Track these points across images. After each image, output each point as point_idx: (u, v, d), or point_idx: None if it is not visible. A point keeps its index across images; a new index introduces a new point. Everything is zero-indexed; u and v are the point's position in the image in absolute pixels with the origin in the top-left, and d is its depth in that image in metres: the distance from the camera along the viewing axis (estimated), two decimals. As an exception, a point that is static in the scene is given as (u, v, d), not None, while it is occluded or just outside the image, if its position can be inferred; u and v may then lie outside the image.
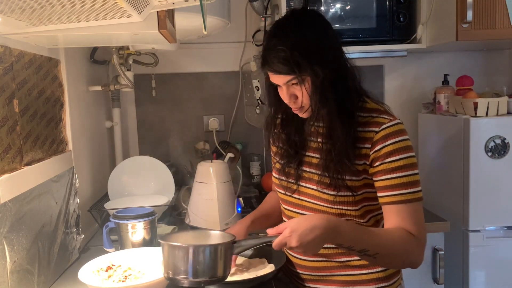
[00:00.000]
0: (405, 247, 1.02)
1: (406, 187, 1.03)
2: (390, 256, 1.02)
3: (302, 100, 1.07)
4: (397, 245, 1.02)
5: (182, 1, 0.90)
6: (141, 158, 1.93)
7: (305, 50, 1.01)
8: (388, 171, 1.04)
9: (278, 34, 1.05)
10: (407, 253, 1.03)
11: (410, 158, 1.04)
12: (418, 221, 1.05)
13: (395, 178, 1.04)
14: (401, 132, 1.05)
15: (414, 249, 1.04)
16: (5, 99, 1.04)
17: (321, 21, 1.09)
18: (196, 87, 2.26)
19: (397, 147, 1.04)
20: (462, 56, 2.33)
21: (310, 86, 1.04)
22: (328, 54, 1.05)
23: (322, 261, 1.16)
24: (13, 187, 1.03)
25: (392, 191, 1.04)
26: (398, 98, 2.36)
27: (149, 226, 1.29)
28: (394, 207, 1.04)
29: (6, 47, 1.06)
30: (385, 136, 1.04)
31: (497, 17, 1.82)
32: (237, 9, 2.15)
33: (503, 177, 1.83)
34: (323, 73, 1.02)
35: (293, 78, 1.04)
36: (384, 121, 1.06)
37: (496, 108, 1.84)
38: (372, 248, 0.99)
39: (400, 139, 1.04)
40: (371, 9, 1.99)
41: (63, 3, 0.78)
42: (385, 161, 1.04)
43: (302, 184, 1.16)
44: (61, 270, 1.30)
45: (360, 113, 1.09)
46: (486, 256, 1.84)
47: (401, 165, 1.03)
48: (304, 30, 1.04)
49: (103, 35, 1.15)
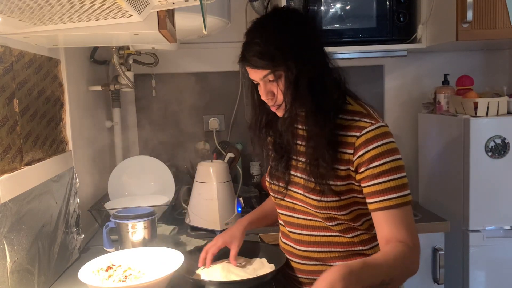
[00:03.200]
0: (406, 262, 0.99)
1: (394, 191, 1.00)
2: (399, 275, 0.99)
3: (279, 97, 1.06)
4: (401, 264, 0.98)
5: (182, 1, 0.90)
6: (141, 158, 1.93)
7: (281, 45, 1.01)
8: (374, 177, 1.02)
9: (256, 29, 1.06)
10: (408, 266, 1.00)
11: (395, 161, 1.02)
12: (409, 226, 1.01)
13: (382, 183, 1.01)
14: (383, 135, 1.03)
15: (412, 259, 1.01)
16: (5, 99, 1.04)
17: (302, 20, 1.09)
18: (196, 87, 2.26)
19: (381, 151, 1.01)
20: (462, 56, 2.33)
21: (284, 83, 1.03)
22: (305, 52, 1.03)
23: (318, 265, 1.16)
24: (13, 187, 1.03)
25: (380, 197, 1.01)
26: (398, 98, 2.36)
27: (149, 226, 1.29)
28: (383, 214, 1.01)
29: (6, 47, 1.06)
30: (367, 141, 1.02)
31: (497, 17, 1.82)
32: (237, 9, 2.15)
33: (503, 177, 1.83)
34: (297, 70, 1.01)
35: (268, 73, 1.03)
36: (366, 125, 1.03)
37: (496, 108, 1.84)
38: (386, 277, 0.95)
39: (382, 142, 1.02)
40: (371, 9, 1.99)
41: (63, 3, 0.78)
42: (369, 166, 1.02)
43: (291, 188, 1.15)
44: (61, 270, 1.30)
45: (342, 116, 1.07)
46: (486, 256, 1.84)
47: (387, 169, 1.01)
48: (282, 26, 1.04)
49: (103, 35, 1.15)
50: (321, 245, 1.14)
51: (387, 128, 1.05)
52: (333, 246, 1.13)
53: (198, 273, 1.18)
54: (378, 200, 1.02)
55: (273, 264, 1.19)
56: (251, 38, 1.05)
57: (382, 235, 1.03)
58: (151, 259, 1.17)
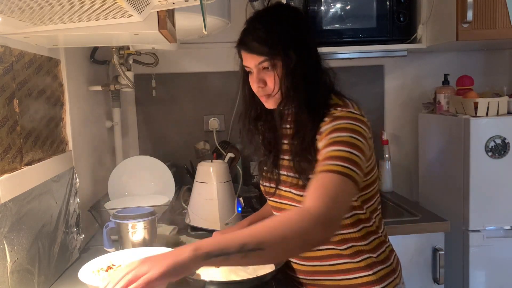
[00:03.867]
0: (293, 220, 0.85)
1: (336, 159, 0.93)
2: (280, 242, 0.83)
3: (270, 87, 1.06)
4: (281, 221, 0.86)
5: (182, 1, 0.90)
6: (141, 158, 1.93)
7: (282, 34, 1.03)
8: (324, 146, 0.98)
9: (259, 18, 1.08)
10: (300, 232, 0.84)
11: (349, 137, 0.97)
12: (326, 192, 0.89)
13: (330, 152, 0.95)
14: (348, 118, 1.00)
15: (308, 225, 0.84)
16: (5, 99, 1.04)
17: (303, 18, 1.11)
18: (196, 87, 2.26)
19: (338, 127, 0.99)
20: (462, 56, 2.33)
21: (282, 71, 1.04)
22: (304, 47, 1.05)
23: (317, 265, 1.16)
24: (13, 187, 1.03)
25: (323, 162, 0.95)
26: (398, 98, 2.36)
27: (149, 226, 1.29)
28: (317, 176, 0.94)
29: (6, 47, 1.06)
30: (330, 120, 1.01)
31: (497, 17, 1.82)
32: (237, 9, 2.15)
33: (503, 177, 1.83)
34: (296, 61, 1.02)
35: (264, 60, 1.04)
36: (335, 112, 1.03)
37: (496, 108, 1.84)
38: (251, 239, 0.81)
39: (344, 121, 0.99)
40: (371, 9, 1.99)
41: (63, 3, 0.78)
42: (324, 141, 0.99)
43: (281, 188, 1.15)
44: (61, 270, 1.30)
45: (324, 110, 1.06)
46: (486, 256, 1.84)
47: (338, 140, 0.97)
48: (284, 19, 1.06)
49: (103, 35, 1.15)
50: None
51: (355, 114, 1.02)
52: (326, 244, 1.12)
53: (198, 273, 1.18)
54: (320, 165, 0.96)
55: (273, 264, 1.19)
56: (252, 25, 1.07)
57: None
58: (151, 259, 1.17)
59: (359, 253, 1.12)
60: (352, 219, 1.11)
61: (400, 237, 1.70)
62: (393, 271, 1.16)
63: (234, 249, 0.79)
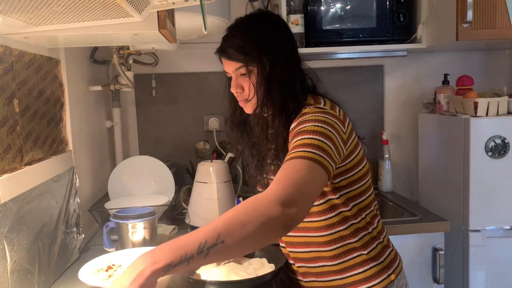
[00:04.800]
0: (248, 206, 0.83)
1: (301, 147, 0.93)
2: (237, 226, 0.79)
3: (247, 93, 1.10)
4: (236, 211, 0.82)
5: (182, 1, 0.90)
6: (141, 158, 1.93)
7: (258, 42, 1.07)
8: (290, 140, 0.99)
9: (238, 25, 1.12)
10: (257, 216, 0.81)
11: (314, 126, 0.97)
12: (285, 176, 0.88)
13: (294, 142, 0.96)
14: (314, 112, 1.02)
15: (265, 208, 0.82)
16: (5, 99, 1.04)
17: (282, 25, 1.14)
18: (196, 87, 2.26)
19: (303, 120, 1.00)
20: (462, 56, 2.33)
21: (256, 78, 1.07)
22: (281, 54, 1.08)
23: (308, 267, 1.16)
24: (13, 187, 1.03)
25: (288, 153, 0.96)
26: (398, 98, 2.36)
27: (149, 226, 1.29)
28: (282, 165, 0.93)
29: (6, 47, 1.06)
30: (297, 117, 1.04)
31: (497, 17, 1.82)
32: (237, 9, 2.15)
33: (503, 177, 1.83)
34: (271, 68, 1.06)
35: (241, 67, 1.08)
36: (304, 110, 1.05)
37: (496, 108, 1.84)
38: (210, 236, 0.78)
39: (310, 115, 1.01)
40: (371, 9, 1.99)
41: (63, 3, 0.78)
42: (292, 133, 1.01)
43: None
44: (61, 270, 1.30)
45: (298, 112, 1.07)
46: (486, 256, 1.84)
47: (302, 130, 0.97)
48: (262, 27, 1.10)
49: (103, 35, 1.15)
50: (306, 246, 1.15)
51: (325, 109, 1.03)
52: (317, 246, 1.14)
53: (198, 273, 1.18)
54: (287, 154, 0.95)
55: (273, 264, 1.19)
56: (231, 32, 1.11)
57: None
58: (151, 259, 1.17)
59: (350, 251, 1.12)
60: (338, 217, 1.12)
61: (400, 237, 1.70)
62: (386, 268, 1.15)
63: (194, 251, 0.76)
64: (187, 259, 0.76)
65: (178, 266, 0.76)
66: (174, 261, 0.76)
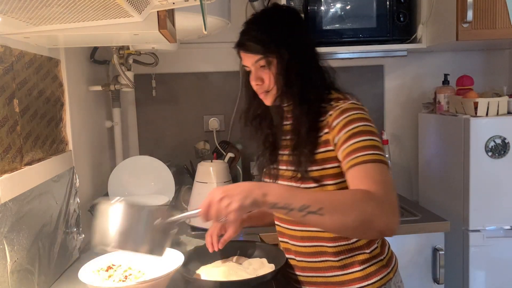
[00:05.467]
0: (356, 200, 0.91)
1: (363, 150, 0.99)
2: (338, 211, 0.89)
3: (267, 84, 1.12)
4: (344, 198, 0.92)
5: (182, 1, 0.90)
6: (141, 158, 1.93)
7: (276, 34, 1.10)
8: (344, 141, 1.03)
9: (255, 19, 1.15)
10: (361, 208, 0.90)
11: (365, 126, 1.03)
12: (377, 178, 0.95)
13: (352, 144, 1.01)
14: (355, 108, 1.06)
15: (371, 205, 0.90)
16: (5, 99, 1.04)
17: (298, 19, 1.17)
18: (196, 87, 2.26)
19: (350, 119, 1.04)
20: (462, 56, 2.33)
21: (276, 69, 1.10)
22: (298, 45, 1.11)
23: (309, 262, 1.17)
24: (13, 187, 1.03)
25: (350, 157, 1.00)
26: (398, 98, 2.36)
27: (149, 226, 1.29)
28: (353, 171, 0.99)
29: (6, 47, 1.06)
30: (338, 114, 1.06)
31: (497, 17, 1.82)
32: (237, 9, 2.15)
33: (503, 177, 1.83)
34: (289, 59, 1.08)
35: (260, 58, 1.10)
36: (339, 104, 1.08)
37: (496, 108, 1.84)
38: (314, 203, 0.88)
39: (353, 112, 1.05)
40: (371, 9, 1.99)
41: (63, 3, 0.78)
42: (341, 134, 1.04)
43: (281, 182, 1.18)
44: (61, 270, 1.30)
45: (323, 104, 1.11)
46: (486, 256, 1.84)
47: (356, 131, 1.02)
48: (279, 19, 1.12)
49: (103, 35, 1.15)
50: (312, 240, 1.15)
51: (359, 105, 1.09)
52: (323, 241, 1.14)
53: (198, 273, 1.18)
54: (348, 160, 1.01)
55: (273, 264, 1.19)
56: (248, 26, 1.14)
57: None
58: (151, 259, 1.16)
59: (354, 249, 1.13)
60: None
61: (400, 237, 1.70)
62: (385, 266, 1.16)
63: (297, 206, 0.88)
64: (289, 208, 0.88)
65: (278, 209, 0.89)
66: (279, 204, 0.88)
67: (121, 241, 0.87)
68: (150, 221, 0.89)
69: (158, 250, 0.91)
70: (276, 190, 0.90)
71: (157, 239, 0.90)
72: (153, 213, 0.90)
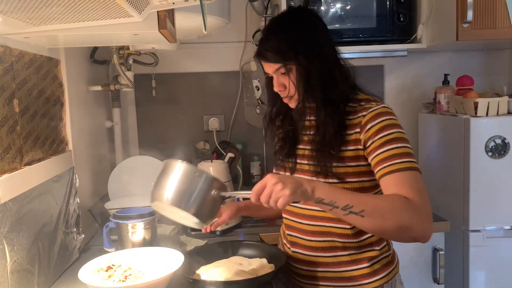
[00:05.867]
0: (395, 207, 0.97)
1: (399, 157, 1.04)
2: (378, 215, 0.96)
3: (289, 89, 1.15)
4: (385, 204, 0.98)
5: (182, 1, 0.90)
6: (141, 158, 1.93)
7: (292, 41, 1.11)
8: (379, 147, 1.06)
9: (271, 27, 1.17)
10: (400, 215, 0.96)
11: (399, 133, 1.07)
12: (414, 186, 1.01)
13: (386, 151, 1.05)
14: (388, 113, 1.10)
15: (410, 212, 0.97)
16: (5, 99, 1.04)
17: (313, 18, 1.17)
18: (196, 87, 2.26)
19: (385, 124, 1.07)
20: (462, 56, 2.33)
21: (296, 75, 1.12)
22: (315, 48, 1.12)
23: (314, 256, 1.19)
24: (13, 187, 1.03)
25: (385, 163, 1.04)
26: (398, 98, 2.36)
27: (149, 226, 1.29)
28: (388, 178, 1.03)
29: (6, 47, 1.06)
30: (372, 117, 1.09)
31: (497, 17, 1.82)
32: (237, 9, 2.15)
33: (503, 177, 1.83)
34: (307, 63, 1.10)
35: (280, 67, 1.12)
36: (372, 106, 1.11)
37: (496, 108, 1.84)
38: (357, 205, 0.95)
39: (387, 117, 1.09)
40: (371, 9, 1.99)
41: (63, 3, 0.78)
42: (375, 138, 1.07)
43: (298, 175, 1.19)
44: (61, 270, 1.30)
45: (350, 104, 1.14)
46: (486, 256, 1.84)
47: (391, 138, 1.06)
48: (295, 24, 1.13)
49: (103, 35, 1.15)
50: (326, 235, 1.17)
51: (391, 110, 1.13)
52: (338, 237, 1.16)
53: (198, 273, 1.18)
54: (383, 167, 1.05)
55: (273, 264, 1.19)
56: (266, 35, 1.16)
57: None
58: (151, 259, 1.17)
59: (366, 245, 1.16)
60: None
61: (400, 237, 1.70)
62: (391, 262, 1.20)
63: (341, 205, 0.94)
64: (334, 206, 0.95)
65: (323, 205, 0.95)
66: (325, 200, 0.95)
67: (175, 198, 0.92)
68: (207, 188, 0.93)
69: (205, 218, 0.95)
70: (324, 187, 0.97)
71: (207, 208, 0.94)
72: (211, 182, 0.94)
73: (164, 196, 0.93)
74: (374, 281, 1.16)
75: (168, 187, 0.92)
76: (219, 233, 1.62)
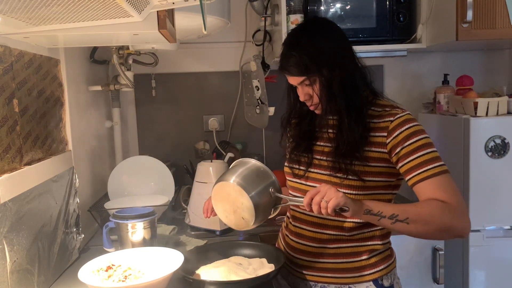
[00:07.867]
0: (435, 212, 1.05)
1: (430, 163, 1.10)
2: (421, 221, 1.06)
3: (315, 99, 1.20)
4: (425, 210, 1.06)
5: (182, 1, 0.90)
6: (141, 158, 1.93)
7: (314, 54, 1.15)
8: (409, 153, 1.12)
9: (291, 41, 1.20)
10: (441, 219, 1.05)
11: (426, 138, 1.14)
12: (448, 189, 1.08)
13: (417, 158, 1.11)
14: (413, 120, 1.16)
15: (447, 214, 1.05)
16: (5, 99, 1.04)
17: (330, 28, 1.22)
18: (196, 87, 2.26)
19: (413, 131, 1.13)
20: (462, 56, 2.33)
21: (319, 86, 1.17)
22: (336, 57, 1.16)
23: (318, 247, 1.21)
24: (13, 187, 1.03)
25: (418, 170, 1.10)
26: (398, 98, 2.31)
27: (149, 226, 1.29)
28: (423, 184, 1.09)
29: (6, 47, 1.06)
30: (400, 124, 1.14)
31: (497, 17, 1.82)
32: (237, 9, 2.15)
33: (503, 177, 1.83)
34: (330, 74, 1.14)
35: (304, 80, 1.17)
36: (398, 112, 1.17)
37: (496, 108, 1.84)
38: (401, 214, 1.04)
39: (414, 124, 1.15)
40: (371, 9, 1.99)
41: (63, 3, 0.78)
42: (404, 145, 1.12)
43: (313, 170, 1.23)
44: (61, 270, 1.30)
45: (374, 108, 1.20)
46: (486, 256, 1.84)
47: (420, 144, 1.12)
48: (313, 37, 1.18)
49: (103, 35, 1.15)
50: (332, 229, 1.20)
51: (413, 116, 1.19)
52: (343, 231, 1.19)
53: (198, 273, 1.18)
54: (416, 173, 1.10)
55: (273, 264, 1.19)
56: (287, 50, 1.19)
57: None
58: (151, 259, 1.17)
59: (369, 238, 1.20)
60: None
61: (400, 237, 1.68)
62: (390, 255, 1.24)
63: (387, 215, 1.04)
64: (381, 216, 1.04)
65: (371, 216, 1.05)
66: (373, 210, 1.04)
67: (242, 183, 1.09)
68: (268, 186, 1.12)
69: (261, 212, 1.10)
70: (369, 201, 1.07)
71: (264, 204, 1.11)
72: (273, 183, 1.13)
73: (233, 179, 1.10)
74: (374, 272, 1.19)
75: (239, 174, 1.11)
76: (219, 233, 1.62)
